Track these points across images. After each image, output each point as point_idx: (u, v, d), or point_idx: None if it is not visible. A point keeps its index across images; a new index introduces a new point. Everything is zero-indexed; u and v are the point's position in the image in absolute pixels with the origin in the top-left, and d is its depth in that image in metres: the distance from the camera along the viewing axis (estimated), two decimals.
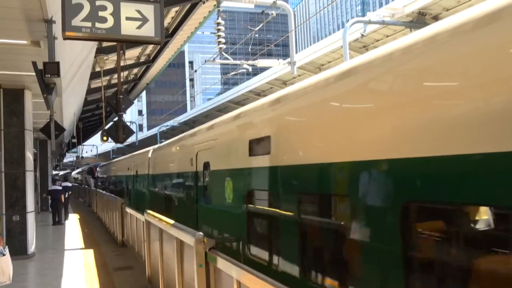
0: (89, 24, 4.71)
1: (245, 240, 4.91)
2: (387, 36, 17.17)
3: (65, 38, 4.75)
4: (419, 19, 15.16)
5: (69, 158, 62.84)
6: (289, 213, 4.01)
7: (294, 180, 3.99)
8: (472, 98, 2.23)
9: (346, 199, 3.24)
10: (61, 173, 62.80)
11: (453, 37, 2.45)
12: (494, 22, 2.20)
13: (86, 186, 33.79)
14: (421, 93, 2.53)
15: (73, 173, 54.34)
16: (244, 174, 4.97)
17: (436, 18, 15.18)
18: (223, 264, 3.85)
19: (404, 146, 2.61)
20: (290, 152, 4.06)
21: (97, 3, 4.74)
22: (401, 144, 2.63)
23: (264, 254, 4.54)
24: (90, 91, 18.71)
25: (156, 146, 12.93)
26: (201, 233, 4.39)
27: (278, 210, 4.17)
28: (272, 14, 16.77)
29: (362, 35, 15.44)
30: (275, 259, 4.28)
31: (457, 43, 2.40)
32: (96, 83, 18.26)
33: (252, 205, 4.86)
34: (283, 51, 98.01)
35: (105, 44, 13.73)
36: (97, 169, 29.81)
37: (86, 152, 54.83)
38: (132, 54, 16.10)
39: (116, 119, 12.23)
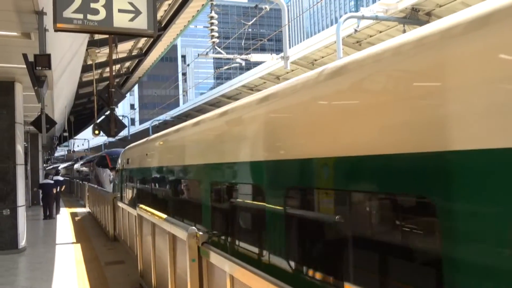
0: (80, 16, 4.64)
1: None
2: (380, 32, 17.21)
3: (56, 30, 4.69)
4: (412, 15, 15.21)
5: (60, 152, 62.33)
6: None
7: None
8: None
9: None
10: (62, 165, 54.23)
11: None
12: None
13: (96, 186, 20.63)
14: None
15: (76, 165, 41.76)
16: None
17: (429, 14, 15.23)
18: (216, 258, 3.84)
19: None
20: None
21: None
22: None
23: None
24: (81, 84, 18.55)
25: None
26: (194, 227, 4.38)
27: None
28: (266, 8, 16.74)
29: (356, 31, 15.45)
30: None
31: None
32: (88, 76, 18.12)
33: None
34: (276, 46, 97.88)
35: (97, 37, 13.61)
36: (122, 158, 15.16)
37: (78, 146, 54.44)
38: (124, 47, 15.98)
39: (108, 112, 12.16)
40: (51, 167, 49.45)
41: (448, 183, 2.38)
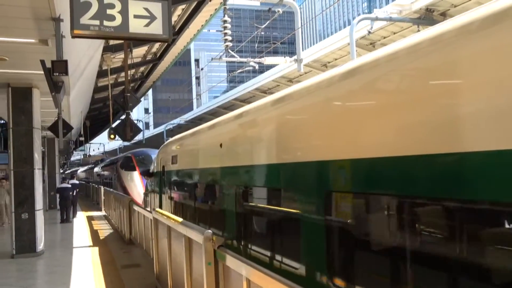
0: (97, 22, 4.71)
1: None
2: (394, 33, 17.06)
3: (73, 36, 4.76)
4: (427, 16, 15.05)
5: (76, 156, 63.17)
6: None
7: None
8: None
9: None
10: (82, 169, 52.33)
11: None
12: None
13: (123, 194, 16.93)
14: None
15: (96, 168, 38.53)
16: None
17: (444, 14, 15.06)
18: (232, 262, 3.84)
19: None
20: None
21: (105, 1, 4.74)
22: None
23: None
24: (97, 89, 18.78)
25: None
26: (209, 230, 4.38)
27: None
28: (279, 11, 16.73)
29: (369, 32, 15.34)
30: None
31: None
32: (103, 82, 18.32)
33: None
34: (289, 48, 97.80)
35: (112, 42, 13.77)
36: (161, 156, 10.66)
37: (93, 150, 55.12)
38: (138, 52, 16.13)
39: (123, 117, 12.28)
40: (70, 171, 49.98)
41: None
